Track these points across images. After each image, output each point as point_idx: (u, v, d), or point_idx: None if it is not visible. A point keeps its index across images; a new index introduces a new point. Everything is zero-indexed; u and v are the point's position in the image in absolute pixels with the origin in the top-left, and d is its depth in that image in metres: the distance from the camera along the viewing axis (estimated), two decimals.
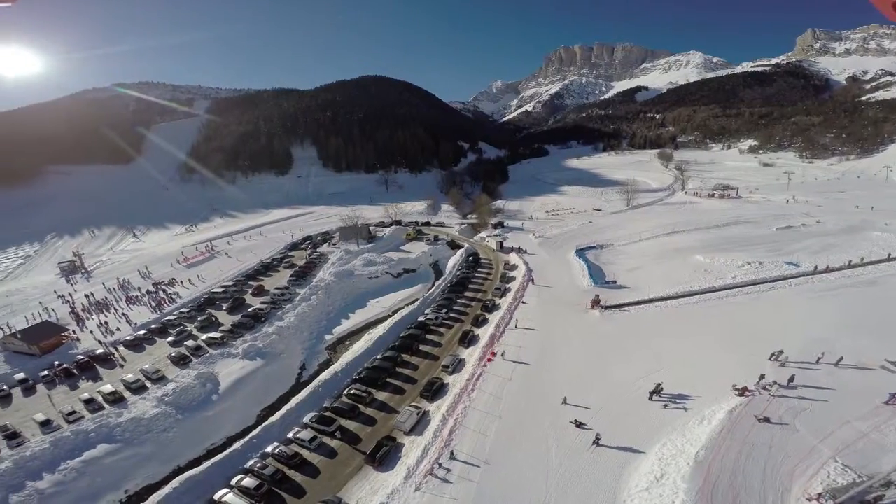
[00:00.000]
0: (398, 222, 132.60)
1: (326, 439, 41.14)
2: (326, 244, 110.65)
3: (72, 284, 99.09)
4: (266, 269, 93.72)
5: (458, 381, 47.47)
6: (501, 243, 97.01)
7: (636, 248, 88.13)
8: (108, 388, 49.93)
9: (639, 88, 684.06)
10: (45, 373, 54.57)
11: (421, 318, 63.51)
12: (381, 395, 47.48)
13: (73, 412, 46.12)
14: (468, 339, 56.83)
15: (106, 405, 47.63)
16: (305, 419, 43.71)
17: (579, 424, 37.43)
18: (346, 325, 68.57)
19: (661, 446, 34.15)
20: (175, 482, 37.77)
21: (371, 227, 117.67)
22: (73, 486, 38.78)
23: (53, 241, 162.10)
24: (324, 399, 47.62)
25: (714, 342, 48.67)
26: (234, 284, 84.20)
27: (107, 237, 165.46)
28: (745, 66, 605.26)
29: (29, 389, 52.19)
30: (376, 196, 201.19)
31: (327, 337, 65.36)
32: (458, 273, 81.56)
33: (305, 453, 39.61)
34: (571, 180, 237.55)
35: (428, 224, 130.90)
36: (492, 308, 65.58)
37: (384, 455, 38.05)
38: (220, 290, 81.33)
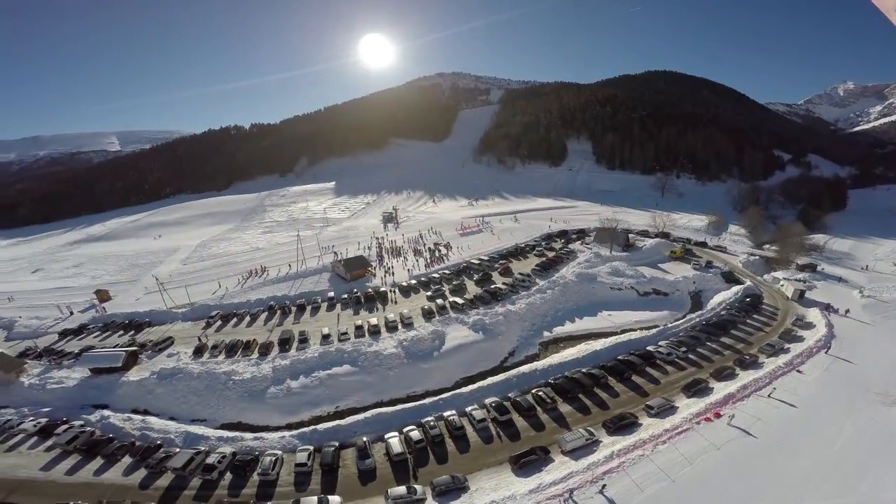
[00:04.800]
0: (665, 235, 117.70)
1: (492, 426, 43.68)
2: (579, 242, 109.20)
3: (385, 231, 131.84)
4: (518, 252, 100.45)
5: (653, 427, 42.55)
6: (803, 292, 74.10)
7: None
8: (374, 320, 64.84)
9: None
10: (345, 296, 75.17)
11: (650, 348, 57.43)
12: (564, 408, 46.82)
13: (345, 333, 61.88)
14: (696, 389, 49.05)
15: (366, 334, 61.78)
16: (487, 400, 47.04)
17: None
18: (567, 328, 67.45)
19: None
20: (370, 413, 46.63)
21: (630, 235, 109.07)
22: (310, 391, 51.76)
23: (383, 195, 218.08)
24: (512, 389, 49.66)
25: None
26: (488, 260, 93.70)
27: (416, 199, 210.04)
28: None
29: (331, 307, 73.00)
30: (647, 201, 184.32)
31: (545, 333, 65.90)
32: (724, 313, 67.83)
33: (469, 430, 43.23)
34: None
35: (703, 245, 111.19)
36: (749, 364, 53.82)
37: (528, 462, 38.40)
38: (476, 261, 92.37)
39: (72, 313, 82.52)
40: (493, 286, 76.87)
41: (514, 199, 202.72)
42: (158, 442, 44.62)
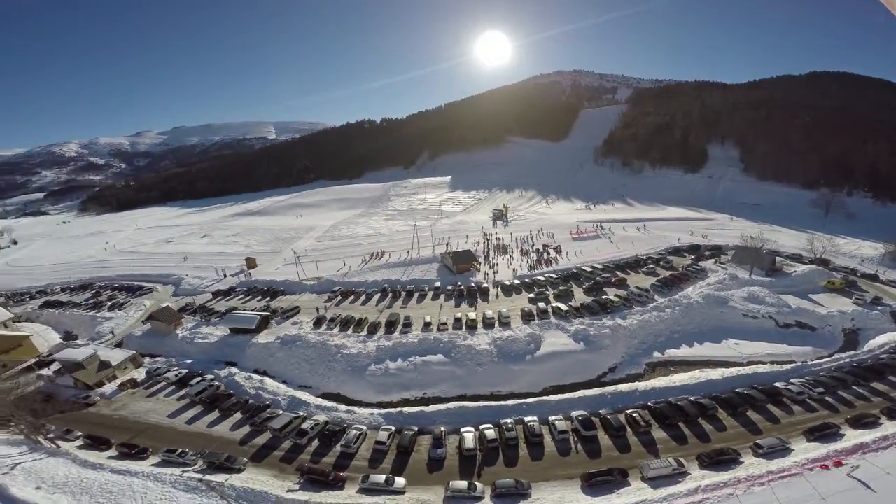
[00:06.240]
0: (823, 262, 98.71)
1: (573, 439, 42.05)
2: (713, 260, 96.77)
3: (494, 228, 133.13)
4: (637, 264, 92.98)
5: (755, 467, 37.67)
6: None
7: None
8: (472, 314, 66.36)
9: None
10: (450, 288, 78.61)
11: (778, 384, 50.19)
12: (658, 434, 42.91)
13: (444, 323, 64.13)
14: (821, 433, 42.05)
15: (463, 328, 63.23)
16: (574, 413, 45.17)
17: None
18: (682, 352, 60.57)
19: None
20: (452, 404, 47.55)
21: (778, 258, 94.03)
22: (403, 375, 54.11)
23: (495, 192, 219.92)
24: (605, 406, 47.35)
25: None
26: (602, 268, 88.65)
27: (528, 198, 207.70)
28: None
29: (436, 296, 76.79)
30: (805, 220, 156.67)
31: (655, 354, 60.10)
32: (885, 356, 55.97)
33: (547, 439, 42.09)
34: None
35: (874, 278, 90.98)
36: None
37: (601, 482, 36.39)
38: (588, 269, 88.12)
39: (225, 276, 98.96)
40: (603, 297, 72.90)
41: (639, 205, 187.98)
42: (267, 402, 50.67)
